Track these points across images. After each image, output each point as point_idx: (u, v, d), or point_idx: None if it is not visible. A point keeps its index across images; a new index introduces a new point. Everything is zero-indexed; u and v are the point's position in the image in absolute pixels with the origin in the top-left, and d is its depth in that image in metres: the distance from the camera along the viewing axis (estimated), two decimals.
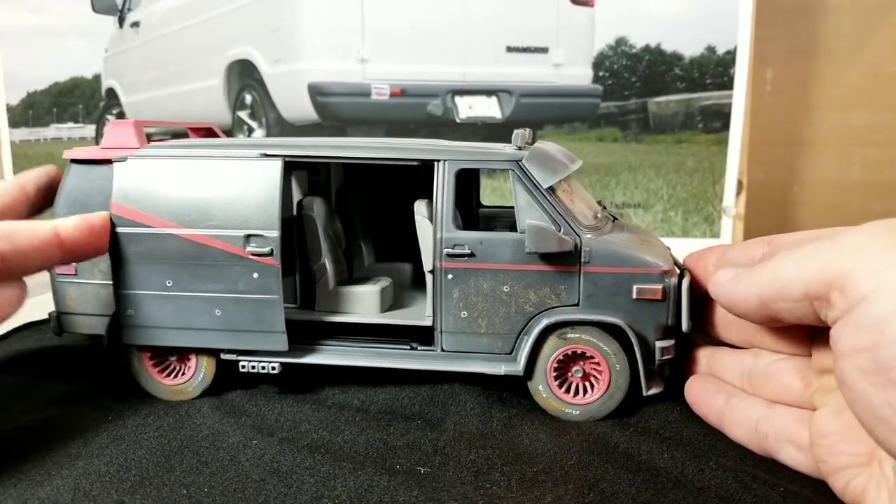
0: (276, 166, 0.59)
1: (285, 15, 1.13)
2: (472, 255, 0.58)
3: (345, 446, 0.53)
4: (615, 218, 0.66)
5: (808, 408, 0.49)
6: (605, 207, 0.69)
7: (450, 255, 0.59)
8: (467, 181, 0.74)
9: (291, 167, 0.67)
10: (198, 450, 0.52)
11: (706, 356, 0.60)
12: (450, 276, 0.59)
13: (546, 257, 0.57)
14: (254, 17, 1.13)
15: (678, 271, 0.59)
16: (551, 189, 0.58)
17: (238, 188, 0.59)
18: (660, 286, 0.57)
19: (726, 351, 0.58)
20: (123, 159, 0.60)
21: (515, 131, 0.61)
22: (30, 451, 0.52)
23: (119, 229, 0.59)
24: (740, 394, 0.54)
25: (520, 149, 0.61)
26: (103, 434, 0.55)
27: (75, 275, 0.63)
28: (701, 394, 0.57)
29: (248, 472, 0.49)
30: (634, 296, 0.57)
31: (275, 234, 0.58)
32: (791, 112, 1.23)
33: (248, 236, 0.59)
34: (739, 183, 1.14)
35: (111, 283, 0.62)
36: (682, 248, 0.65)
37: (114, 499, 0.46)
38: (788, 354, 0.52)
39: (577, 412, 0.59)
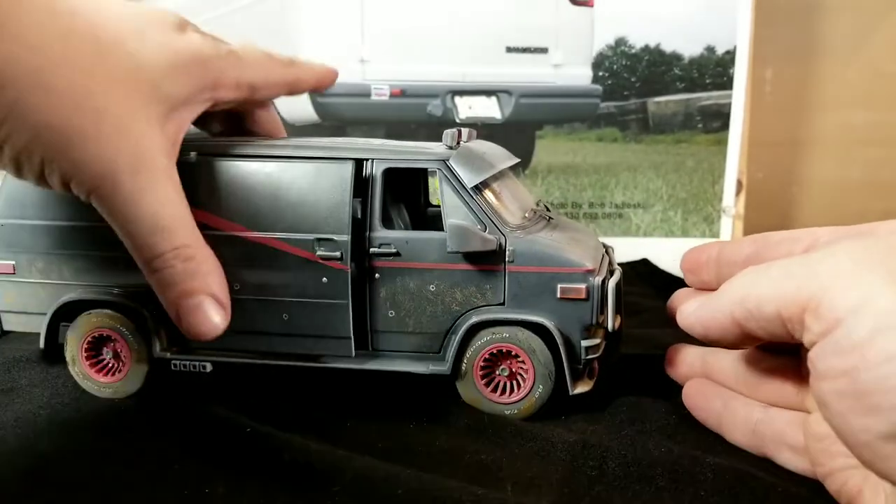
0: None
1: (285, 15, 1.13)
2: (397, 254, 0.59)
3: (338, 448, 0.53)
4: (550, 217, 0.66)
5: (803, 410, 0.49)
6: (547, 208, 0.69)
7: (376, 255, 0.59)
8: (410, 180, 0.74)
9: None
10: (197, 451, 0.52)
11: (700, 358, 0.60)
12: (376, 276, 0.59)
13: (471, 257, 0.58)
14: (254, 18, 1.13)
15: (609, 271, 0.59)
16: (477, 188, 0.59)
17: None
18: (583, 285, 0.57)
19: (720, 352, 0.58)
20: (191, 159, 0.60)
21: (446, 131, 0.61)
22: (25, 451, 0.53)
23: None
24: (738, 397, 0.54)
25: (450, 148, 0.61)
26: (99, 436, 0.55)
27: (13, 273, 0.64)
28: (699, 398, 0.57)
29: (247, 470, 0.49)
30: (559, 295, 0.57)
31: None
32: (790, 112, 1.23)
33: None
34: (739, 183, 1.14)
35: (48, 281, 0.63)
36: (681, 248, 0.65)
37: (113, 499, 0.46)
38: (779, 353, 0.52)
39: (516, 411, 0.59)
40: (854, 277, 0.38)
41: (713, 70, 1.12)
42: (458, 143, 0.62)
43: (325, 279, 0.59)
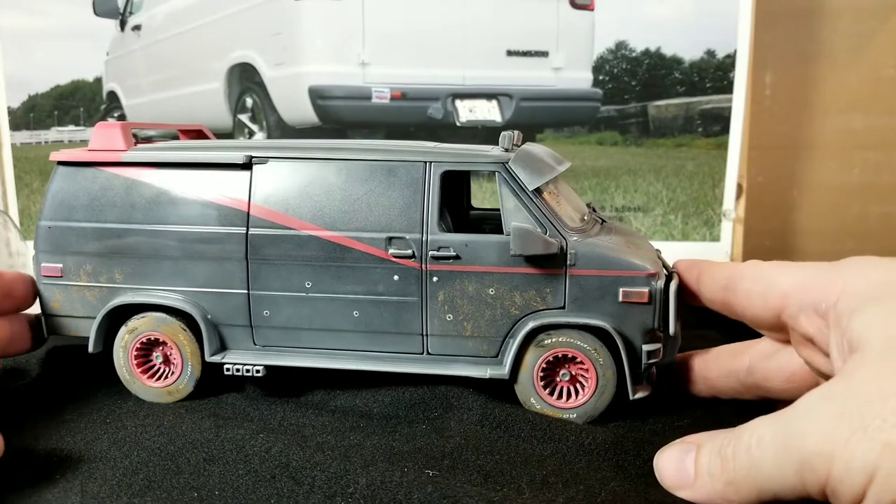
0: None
1: (286, 18, 1.13)
2: (457, 257, 0.58)
3: (350, 450, 0.52)
4: (604, 220, 0.66)
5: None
6: (594, 210, 0.69)
7: (435, 258, 0.58)
8: (457, 183, 0.73)
9: None
10: (203, 450, 0.52)
11: (698, 363, 0.60)
12: (435, 279, 0.59)
13: (532, 260, 0.57)
14: (255, 21, 1.13)
15: (666, 274, 0.59)
16: (537, 191, 0.58)
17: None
18: (646, 289, 0.57)
19: (722, 358, 0.58)
20: (264, 161, 0.61)
21: (503, 133, 0.61)
22: (30, 454, 0.52)
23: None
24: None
25: (507, 150, 0.61)
26: (103, 437, 0.55)
27: (61, 276, 0.63)
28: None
29: (257, 469, 0.49)
30: (620, 298, 0.57)
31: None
32: (791, 115, 1.24)
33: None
34: (739, 186, 1.14)
35: (97, 284, 0.62)
36: (681, 251, 0.65)
37: (124, 502, 0.46)
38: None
39: (574, 415, 0.59)
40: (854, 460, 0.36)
41: (713, 74, 1.13)
42: (515, 145, 0.61)
43: (396, 277, 0.59)
